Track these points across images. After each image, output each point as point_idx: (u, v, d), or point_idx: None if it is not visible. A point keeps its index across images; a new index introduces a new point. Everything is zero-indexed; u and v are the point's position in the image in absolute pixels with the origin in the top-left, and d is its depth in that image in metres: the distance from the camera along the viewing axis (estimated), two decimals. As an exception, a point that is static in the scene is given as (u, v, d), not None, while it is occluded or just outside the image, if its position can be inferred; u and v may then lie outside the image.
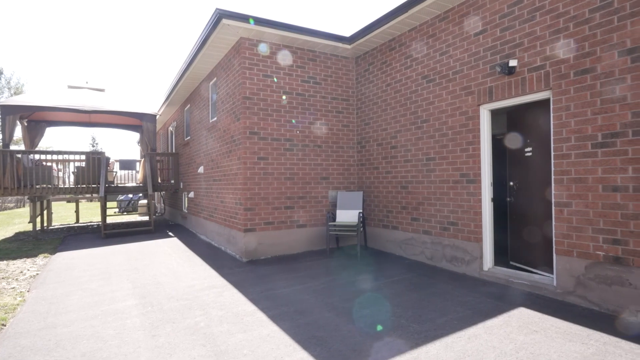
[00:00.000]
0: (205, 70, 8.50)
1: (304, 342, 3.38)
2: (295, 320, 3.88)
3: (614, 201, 3.80)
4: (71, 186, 10.54)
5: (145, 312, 4.22)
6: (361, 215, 6.80)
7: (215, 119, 8.18)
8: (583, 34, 4.04)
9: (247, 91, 6.61)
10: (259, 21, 6.17)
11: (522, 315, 3.86)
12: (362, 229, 6.90)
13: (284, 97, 6.88)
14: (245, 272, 5.90)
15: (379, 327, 3.64)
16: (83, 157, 10.74)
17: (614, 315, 3.78)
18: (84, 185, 10.46)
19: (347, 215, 7.06)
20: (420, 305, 4.24)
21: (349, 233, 6.60)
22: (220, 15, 5.93)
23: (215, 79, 8.24)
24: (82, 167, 10.68)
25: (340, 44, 7.10)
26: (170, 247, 8.10)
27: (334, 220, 7.18)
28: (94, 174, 10.65)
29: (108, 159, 11.77)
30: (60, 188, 10.28)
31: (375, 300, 4.42)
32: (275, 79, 6.90)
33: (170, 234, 10.27)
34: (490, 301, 4.31)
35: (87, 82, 12.90)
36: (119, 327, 3.83)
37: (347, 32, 6.99)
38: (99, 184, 10.42)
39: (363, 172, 7.61)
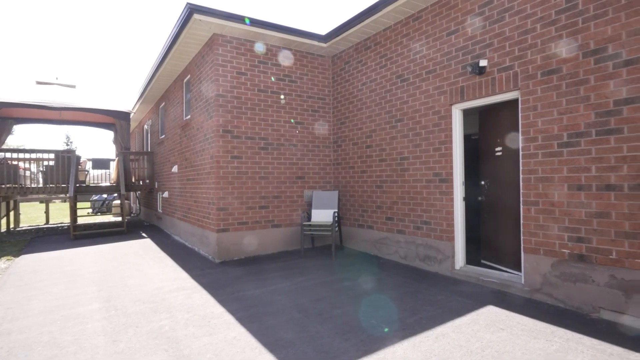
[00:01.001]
0: (179, 67, 8.30)
1: (271, 344, 3.30)
2: (264, 322, 3.80)
3: (578, 200, 3.87)
4: (39, 186, 10.14)
5: (109, 316, 4.06)
6: (336, 214, 6.76)
7: (189, 117, 8.00)
8: (549, 35, 4.10)
9: (220, 88, 6.48)
10: (232, 17, 6.05)
11: (490, 314, 3.89)
12: (337, 228, 6.86)
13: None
14: (217, 273, 5.78)
15: (348, 328, 3.60)
16: (52, 155, 10.35)
17: (578, 312, 3.85)
18: (53, 185, 10.07)
19: (322, 215, 7.00)
20: (391, 304, 4.22)
21: (324, 233, 6.55)
22: (192, 10, 5.78)
23: (189, 76, 8.05)
24: (51, 166, 10.29)
25: (315, 42, 7.04)
26: (142, 249, 7.87)
27: (309, 220, 7.12)
28: (64, 174, 10.28)
29: (79, 157, 11.38)
30: (28, 188, 9.87)
31: (347, 300, 4.38)
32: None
33: (143, 235, 10.00)
34: (460, 300, 4.33)
35: (57, 78, 12.44)
36: (79, 332, 3.66)
37: (327, 32, 6.91)
38: (68, 183, 10.04)
39: (339, 171, 7.58)
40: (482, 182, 5.40)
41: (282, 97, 6.54)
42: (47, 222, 13.53)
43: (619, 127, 3.56)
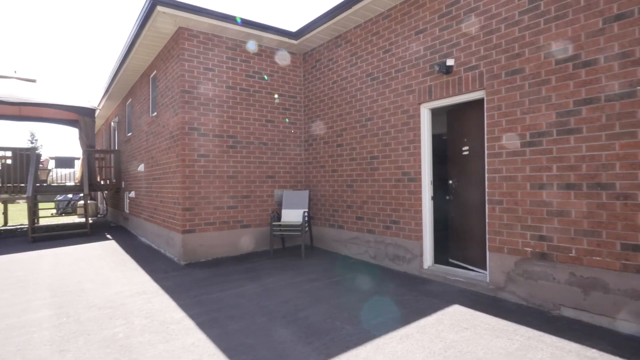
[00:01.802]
0: (145, 61, 7.99)
1: (230, 350, 3.16)
2: (225, 327, 3.66)
3: (540, 199, 3.92)
4: (-6, 185, 9.56)
5: (59, 324, 3.81)
6: (306, 214, 6.66)
7: (156, 114, 7.71)
8: (513, 35, 4.14)
9: (186, 84, 6.25)
10: (198, 10, 5.84)
11: (455, 313, 3.88)
12: (307, 228, 6.76)
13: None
14: (182, 276, 5.57)
15: (312, 331, 3.50)
16: (9, 153, 9.79)
17: (540, 310, 3.90)
18: (10, 185, 9.52)
19: (293, 215, 6.89)
20: (358, 305, 4.16)
21: (294, 233, 6.43)
22: (155, 2, 5.54)
23: (155, 71, 7.76)
24: (9, 164, 9.72)
25: (286, 39, 6.91)
26: (105, 251, 7.53)
27: (280, 219, 6.99)
28: (22, 173, 9.74)
29: (39, 155, 10.81)
30: (-19, 187, 9.28)
31: (313, 302, 4.28)
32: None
33: (108, 236, 9.60)
34: (426, 299, 4.31)
35: (15, 72, 11.79)
36: (24, 342, 3.41)
37: (297, 28, 6.80)
38: (27, 183, 9.52)
39: (310, 170, 7.48)
40: (450, 182, 5.43)
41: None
42: (6, 223, 12.80)
43: (579, 127, 3.62)
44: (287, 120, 6.46)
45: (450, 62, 4.71)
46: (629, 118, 3.30)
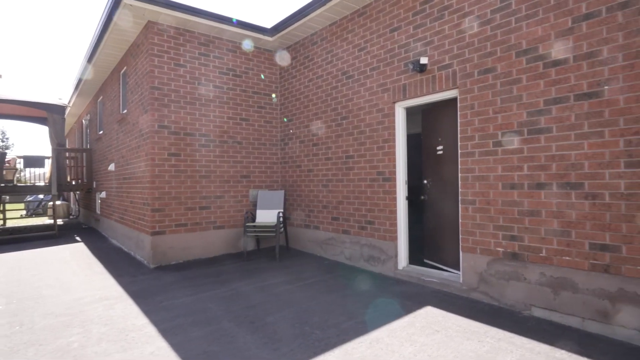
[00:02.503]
0: (114, 57, 7.69)
1: (191, 359, 3.00)
2: (189, 334, 3.49)
3: (511, 198, 3.89)
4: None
5: (10, 334, 3.56)
6: (281, 215, 6.52)
7: (126, 111, 7.43)
8: (485, 34, 4.11)
9: (155, 80, 6.02)
10: (167, 4, 5.62)
11: (427, 315, 3.81)
12: (282, 229, 6.62)
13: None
14: (150, 279, 5.35)
15: (279, 337, 3.37)
16: (-30, 152, 9.29)
17: (512, 310, 3.87)
18: (-29, 185, 9.04)
19: (267, 216, 6.74)
20: (329, 309, 4.05)
21: (268, 234, 6.28)
22: (121, -6, 5.30)
23: (125, 67, 7.47)
24: (-30, 163, 9.24)
25: (261, 36, 6.75)
26: (72, 254, 7.20)
27: (254, 220, 6.82)
28: (-16, 172, 9.26)
29: (3, 154, 10.32)
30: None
31: (284, 306, 4.15)
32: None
33: (77, 238, 9.22)
34: (400, 301, 4.24)
35: (-22, 66, 11.21)
36: (-33, 355, 3.16)
37: (272, 25, 6.65)
38: (-11, 183, 9.06)
39: (286, 170, 7.34)
40: (425, 181, 5.38)
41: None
42: (-31, 226, 12.18)
43: (549, 126, 3.60)
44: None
45: (424, 60, 4.65)
46: (597, 118, 3.29)
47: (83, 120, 12.75)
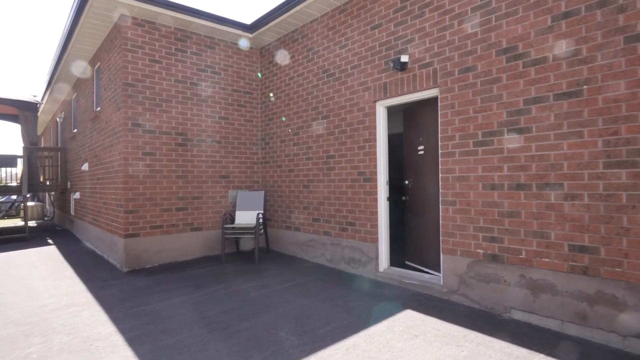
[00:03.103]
0: (87, 52, 7.39)
1: (157, 370, 2.84)
2: (158, 342, 3.31)
3: (491, 199, 3.83)
4: None
5: (-37, 345, 3.32)
6: (261, 216, 6.36)
7: (99, 108, 7.14)
8: (466, 32, 4.04)
9: (129, 77, 5.79)
10: (141, -3, 5.41)
11: (407, 319, 3.72)
12: (262, 231, 6.46)
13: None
14: (122, 284, 5.12)
15: (253, 344, 3.23)
16: None
17: (492, 313, 3.81)
18: None
19: (247, 217, 6.57)
20: (306, 313, 3.92)
21: (247, 236, 6.11)
22: (91, -14, 5.07)
23: (99, 63, 7.19)
24: None
25: (240, 32, 6.57)
26: (41, 258, 6.88)
27: (234, 222, 6.64)
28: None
29: (-29, 153, 9.85)
30: None
31: (259, 311, 4.00)
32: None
33: (49, 241, 8.85)
34: (379, 305, 4.14)
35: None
36: None
37: (252, 21, 6.48)
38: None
39: (267, 170, 7.18)
40: (407, 182, 5.31)
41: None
42: None
43: (529, 126, 3.55)
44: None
45: (404, 58, 4.57)
46: (576, 117, 3.25)
47: (57, 118, 12.30)
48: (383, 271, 5.08)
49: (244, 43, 6.71)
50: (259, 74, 6.03)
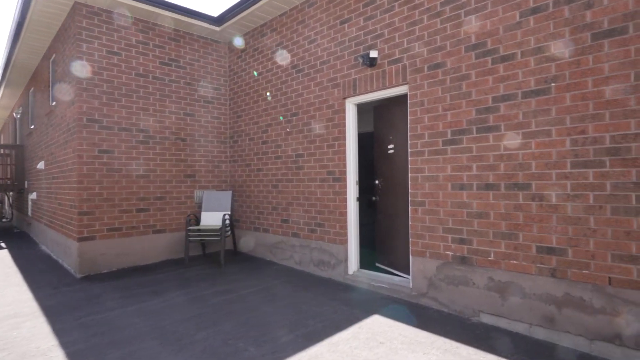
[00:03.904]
0: (41, 42, 6.90)
1: (96, 390, 2.56)
2: (103, 356, 3.02)
3: (460, 200, 3.73)
4: None
5: None
6: (228, 217, 6.09)
7: (55, 103, 6.69)
8: (435, 27, 3.92)
9: (84, 69, 5.40)
10: (96, -16, 5.05)
11: (373, 325, 3.56)
12: (229, 232, 6.19)
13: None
14: (74, 291, 4.75)
15: (207, 356, 2.99)
16: None
17: (460, 317, 3.70)
18: None
19: (213, 218, 6.28)
20: (269, 320, 3.70)
21: (213, 238, 5.83)
22: (39, -31, 4.68)
23: (54, 54, 6.73)
24: None
25: (206, 24, 6.28)
26: (-11, 263, 6.38)
27: (199, 223, 6.34)
28: None
29: None
30: None
31: (219, 319, 3.76)
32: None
33: (2, 245, 8.27)
34: (346, 310, 3.97)
35: None
36: None
37: (219, 13, 6.18)
38: None
39: (235, 169, 6.90)
40: (377, 182, 5.16)
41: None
42: None
43: (497, 124, 3.46)
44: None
45: (373, 54, 4.41)
46: (544, 116, 3.17)
47: (15, 114, 11.59)
48: (352, 274, 4.92)
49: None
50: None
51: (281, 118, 5.19)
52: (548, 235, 3.14)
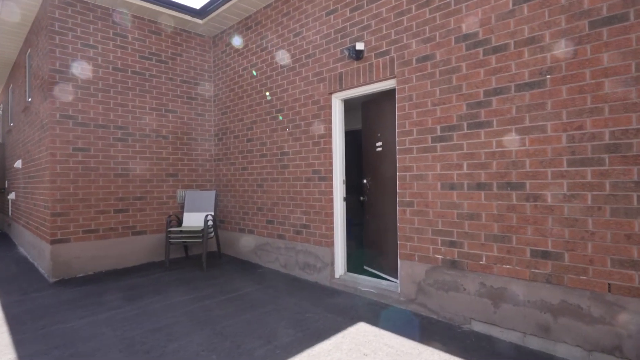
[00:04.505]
0: (17, 35, 6.60)
1: (47, 412, 2.31)
2: (61, 372, 2.78)
3: (450, 200, 3.51)
4: None
5: None
6: (211, 218, 5.83)
7: (30, 99, 6.40)
8: (424, 17, 3.70)
9: (56, 62, 5.13)
10: (68, -28, 4.77)
11: (358, 334, 3.34)
12: (212, 234, 5.94)
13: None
14: (44, 297, 4.49)
15: (174, 372, 2.75)
16: None
17: (450, 324, 3.49)
18: None
19: (196, 219, 6.02)
20: (247, 329, 3.46)
21: (195, 240, 5.57)
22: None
23: (30, 48, 6.44)
24: None
25: (189, 17, 6.01)
26: (-40, 266, 6.08)
27: (181, 224, 6.08)
28: None
29: None
30: None
31: (195, 328, 3.51)
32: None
33: (-21, 246, 7.96)
34: (330, 317, 3.74)
35: None
36: None
37: (201, 4, 5.92)
38: None
39: (220, 168, 6.65)
40: (365, 181, 4.94)
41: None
42: None
43: (489, 119, 3.24)
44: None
45: (359, 46, 4.18)
46: (539, 110, 2.96)
47: (-4, 111, 11.24)
48: (339, 277, 4.69)
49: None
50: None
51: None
52: (543, 238, 2.93)
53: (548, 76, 2.91)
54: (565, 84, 2.84)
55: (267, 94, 5.23)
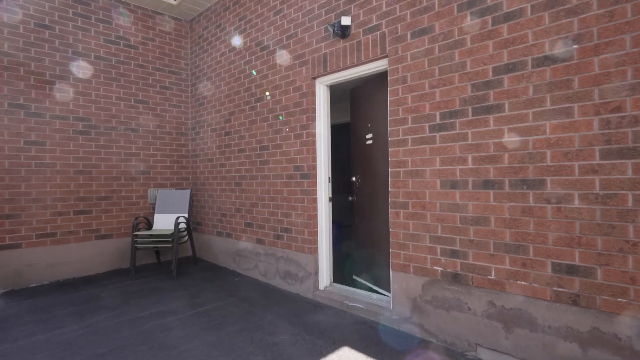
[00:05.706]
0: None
1: None
2: (-39, 419, 2.18)
3: (452, 201, 2.92)
4: None
5: None
6: (184, 220, 5.23)
7: (-13, 88, 5.78)
8: (420, -18, 3.11)
9: (4, 44, 4.52)
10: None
11: (339, 363, 2.75)
12: (186, 238, 5.34)
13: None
14: (-17, 313, 3.89)
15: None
16: None
17: (452, 350, 2.90)
18: None
19: (168, 221, 5.42)
20: (209, 354, 2.87)
21: (164, 245, 4.98)
22: None
23: (-13, 32, 5.82)
24: None
25: (160, -3, 5.41)
26: None
27: (151, 227, 5.47)
28: None
29: None
30: None
31: (145, 353, 2.91)
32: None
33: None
34: (309, 340, 3.14)
35: None
36: None
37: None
38: None
39: (197, 165, 6.05)
40: (354, 178, 4.35)
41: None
42: None
43: (500, 103, 2.65)
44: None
45: (345, 21, 3.59)
46: (564, 89, 2.37)
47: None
48: (324, 289, 4.11)
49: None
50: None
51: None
52: (569, 249, 2.34)
53: (575, 46, 2.32)
54: (598, 54, 2.25)
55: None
